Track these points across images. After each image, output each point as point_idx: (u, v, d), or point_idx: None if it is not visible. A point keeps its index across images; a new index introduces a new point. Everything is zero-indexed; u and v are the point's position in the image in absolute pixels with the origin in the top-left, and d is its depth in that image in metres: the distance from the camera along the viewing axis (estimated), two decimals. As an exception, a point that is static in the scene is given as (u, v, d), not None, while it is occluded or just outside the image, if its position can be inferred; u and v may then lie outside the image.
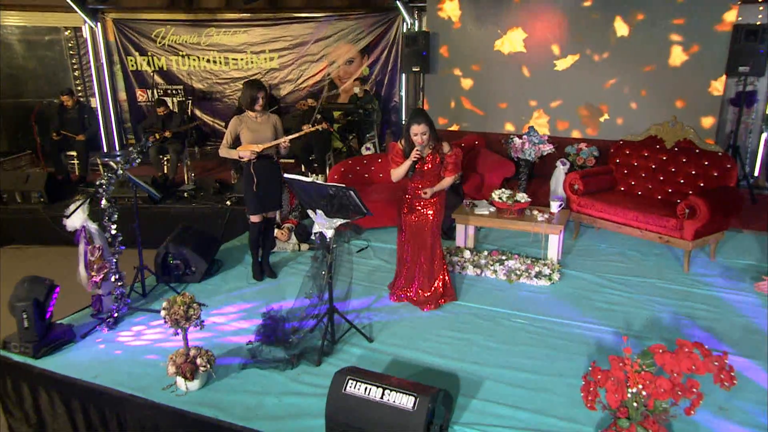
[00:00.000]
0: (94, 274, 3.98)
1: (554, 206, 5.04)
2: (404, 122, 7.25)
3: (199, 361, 3.25)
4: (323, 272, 3.71)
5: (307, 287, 3.87)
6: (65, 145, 7.89)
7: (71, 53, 9.62)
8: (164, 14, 9.44)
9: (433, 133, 3.88)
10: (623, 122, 7.12)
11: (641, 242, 5.30)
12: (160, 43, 9.55)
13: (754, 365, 3.45)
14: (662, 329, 3.90)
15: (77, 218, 4.02)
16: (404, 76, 8.80)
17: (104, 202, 3.96)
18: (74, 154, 8.01)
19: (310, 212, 3.65)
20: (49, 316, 3.71)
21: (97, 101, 9.62)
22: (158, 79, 9.70)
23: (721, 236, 5.06)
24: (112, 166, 4.04)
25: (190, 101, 9.61)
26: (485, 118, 7.91)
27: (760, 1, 6.54)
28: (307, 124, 6.74)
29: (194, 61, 9.57)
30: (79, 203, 4.04)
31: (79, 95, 9.31)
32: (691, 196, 4.80)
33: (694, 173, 5.33)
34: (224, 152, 4.46)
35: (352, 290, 4.31)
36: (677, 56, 6.78)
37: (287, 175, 3.67)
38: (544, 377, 3.36)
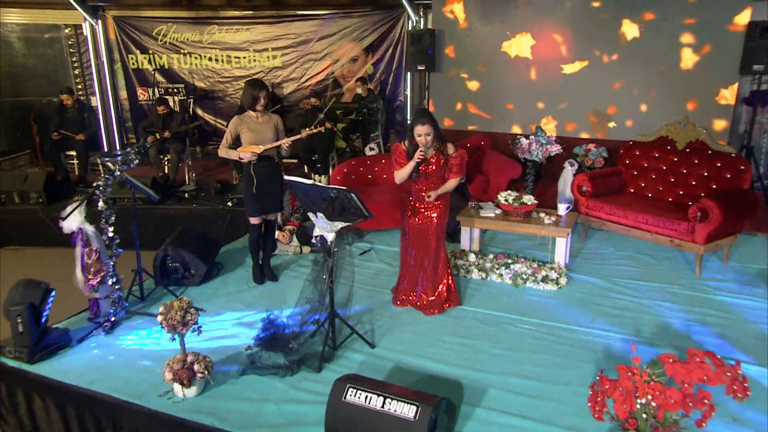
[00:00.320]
0: (91, 277, 3.91)
1: (562, 208, 4.94)
2: (409, 122, 7.17)
3: (196, 367, 3.21)
4: (324, 276, 3.64)
5: (307, 291, 3.81)
6: (65, 144, 7.82)
7: (71, 51, 9.57)
8: (166, 12, 9.38)
9: (437, 133, 3.80)
10: (633, 124, 6.99)
11: (651, 246, 5.19)
12: (161, 40, 9.48)
13: (768, 374, 3.36)
14: (673, 336, 3.82)
15: (74, 220, 3.95)
16: (409, 75, 8.71)
17: (101, 204, 3.90)
18: (74, 153, 7.94)
19: (310, 215, 3.59)
20: (44, 320, 3.65)
21: (97, 100, 9.58)
22: (159, 77, 9.64)
23: (734, 240, 4.95)
24: (109, 166, 3.97)
25: (191, 100, 9.54)
26: (491, 120, 7.81)
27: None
28: (310, 124, 6.66)
29: (196, 59, 9.50)
30: (75, 205, 3.97)
31: (79, 94, 9.27)
32: (703, 198, 4.69)
33: (706, 175, 5.22)
34: (224, 152, 4.38)
35: (353, 294, 4.22)
36: (688, 58, 6.64)
37: (287, 177, 3.62)
38: (550, 385, 3.28)
